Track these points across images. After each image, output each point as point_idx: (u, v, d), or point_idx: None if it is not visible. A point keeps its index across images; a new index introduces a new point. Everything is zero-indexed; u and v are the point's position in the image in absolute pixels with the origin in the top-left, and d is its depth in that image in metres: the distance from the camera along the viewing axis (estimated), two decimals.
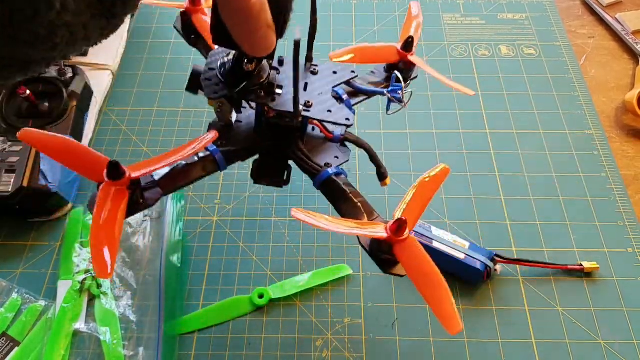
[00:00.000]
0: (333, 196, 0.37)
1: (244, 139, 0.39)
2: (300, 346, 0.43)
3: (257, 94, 0.34)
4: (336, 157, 0.39)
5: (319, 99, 0.36)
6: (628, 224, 0.50)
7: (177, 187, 0.36)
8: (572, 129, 0.57)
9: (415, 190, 0.35)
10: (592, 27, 0.68)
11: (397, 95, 0.39)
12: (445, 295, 0.31)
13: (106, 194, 0.30)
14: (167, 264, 0.47)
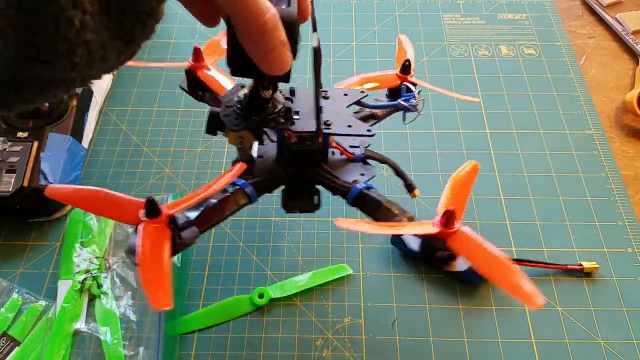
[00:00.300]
0: (369, 208, 0.38)
1: (268, 170, 0.39)
2: (301, 346, 0.43)
3: (277, 120, 0.35)
4: (362, 174, 0.40)
5: (337, 118, 0.37)
6: (628, 224, 0.50)
7: (212, 224, 0.36)
8: (572, 129, 0.57)
9: (452, 184, 0.36)
10: (592, 27, 0.68)
11: (411, 103, 0.41)
12: (516, 275, 0.31)
13: (149, 235, 0.30)
14: None
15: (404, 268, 0.48)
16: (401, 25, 0.69)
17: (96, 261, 0.47)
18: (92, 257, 0.47)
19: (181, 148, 0.57)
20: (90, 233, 0.49)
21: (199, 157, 0.56)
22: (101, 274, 0.47)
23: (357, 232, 0.36)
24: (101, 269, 0.47)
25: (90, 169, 0.55)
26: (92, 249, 0.48)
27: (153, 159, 0.56)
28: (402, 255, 0.48)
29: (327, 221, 0.51)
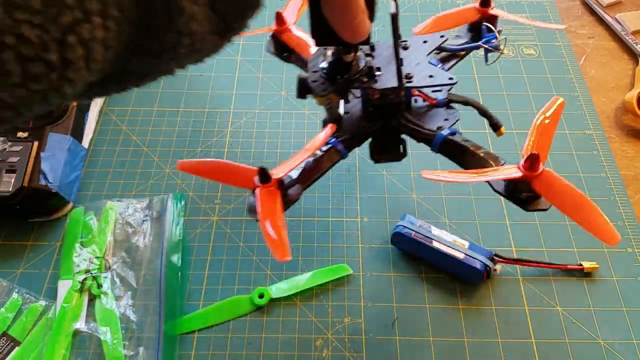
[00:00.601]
0: (455, 154, 0.39)
1: (355, 126, 0.41)
2: (300, 346, 0.43)
3: (360, 80, 0.38)
4: (446, 120, 0.41)
5: (418, 69, 0.39)
6: (628, 224, 0.50)
7: (312, 180, 0.39)
8: (572, 129, 0.57)
9: (536, 129, 0.37)
10: (592, 27, 0.68)
11: (493, 43, 0.42)
12: (597, 213, 0.32)
13: (264, 196, 0.35)
14: (168, 264, 0.47)
15: (404, 268, 0.48)
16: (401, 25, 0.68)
17: (96, 261, 0.47)
18: (92, 257, 0.47)
19: (181, 148, 0.57)
20: (90, 233, 0.49)
21: (199, 157, 0.56)
22: (101, 274, 0.47)
23: (442, 182, 0.39)
24: (101, 269, 0.47)
25: (91, 169, 0.55)
26: (92, 249, 0.48)
27: (153, 159, 0.56)
28: (402, 255, 0.48)
29: (327, 221, 0.51)
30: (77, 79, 0.19)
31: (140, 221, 0.50)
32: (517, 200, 0.36)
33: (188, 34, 0.20)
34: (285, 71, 0.63)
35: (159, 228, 0.50)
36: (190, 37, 0.20)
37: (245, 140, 0.57)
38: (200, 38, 0.21)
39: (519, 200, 0.36)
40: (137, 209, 0.51)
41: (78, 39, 0.18)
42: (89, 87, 0.20)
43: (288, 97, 0.61)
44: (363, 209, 0.52)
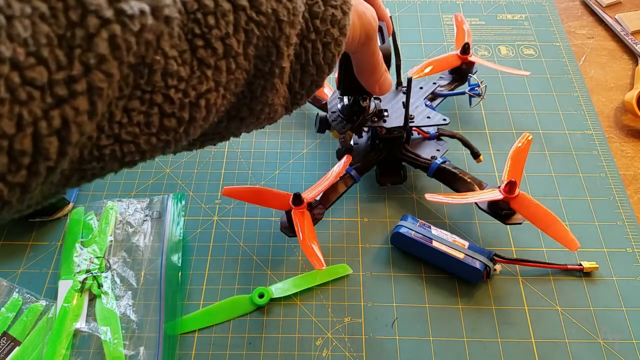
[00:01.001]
0: (447, 179, 0.49)
1: (364, 156, 0.51)
2: (301, 345, 0.44)
3: (372, 120, 0.47)
4: (437, 150, 0.51)
5: (417, 111, 0.49)
6: (627, 224, 0.50)
7: (332, 202, 0.48)
8: (572, 129, 0.57)
9: (512, 157, 0.47)
10: (592, 28, 0.68)
11: (476, 91, 0.52)
12: (560, 227, 0.43)
13: (298, 216, 0.44)
14: (168, 264, 0.47)
15: (404, 268, 0.48)
16: (401, 25, 0.69)
17: (97, 261, 0.47)
18: (93, 257, 0.48)
19: None
20: (90, 233, 0.49)
21: (199, 157, 0.56)
22: (101, 273, 0.47)
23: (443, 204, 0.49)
24: (102, 268, 0.47)
25: None
26: (92, 249, 0.48)
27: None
28: (402, 255, 0.48)
29: (327, 221, 0.51)
30: (194, 134, 0.24)
31: (140, 221, 0.50)
32: (498, 216, 0.46)
33: (270, 105, 0.26)
34: None
35: (159, 228, 0.50)
36: (270, 107, 0.26)
37: (245, 140, 0.57)
38: (275, 109, 0.27)
39: (499, 215, 0.46)
40: (138, 209, 0.51)
41: (206, 104, 0.23)
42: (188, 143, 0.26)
43: None
44: (363, 209, 0.52)
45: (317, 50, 0.27)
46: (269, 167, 0.55)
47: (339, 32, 0.27)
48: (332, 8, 0.26)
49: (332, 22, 0.27)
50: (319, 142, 0.57)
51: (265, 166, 0.55)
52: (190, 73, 0.21)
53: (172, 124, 0.22)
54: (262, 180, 0.54)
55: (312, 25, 0.26)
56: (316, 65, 0.27)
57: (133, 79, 0.20)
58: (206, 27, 0.21)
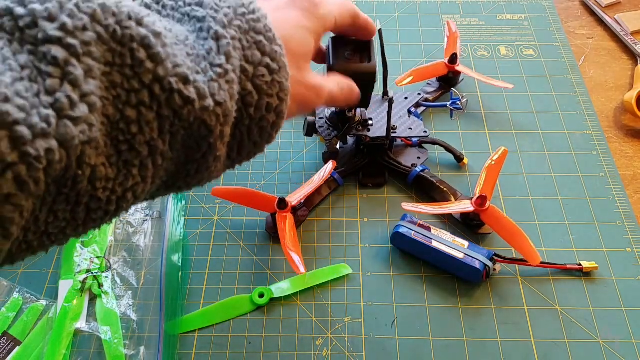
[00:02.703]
0: (424, 187, 0.52)
1: (349, 160, 0.53)
2: (301, 345, 0.44)
3: (357, 129, 0.50)
4: (418, 158, 0.54)
5: (400, 122, 0.52)
6: (627, 224, 0.50)
7: (315, 204, 0.51)
8: (571, 129, 0.57)
9: (486, 172, 0.48)
10: (591, 28, 0.69)
11: (457, 105, 0.54)
12: (524, 240, 0.45)
13: (281, 219, 0.46)
14: (168, 264, 0.47)
15: (404, 268, 0.48)
16: (401, 25, 0.69)
17: (97, 261, 0.47)
18: (93, 256, 0.48)
19: None
20: (91, 233, 0.49)
21: None
22: (102, 273, 0.47)
23: (418, 213, 0.50)
24: (102, 268, 0.47)
25: None
26: (93, 249, 0.48)
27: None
28: (402, 255, 0.48)
29: (327, 221, 0.51)
30: (123, 213, 0.26)
31: (140, 221, 0.51)
32: (469, 225, 0.49)
33: (208, 175, 0.27)
34: None
35: (160, 228, 0.50)
36: (208, 175, 0.27)
37: None
38: (213, 175, 0.28)
39: (470, 225, 0.49)
40: (138, 209, 0.51)
41: (133, 195, 0.23)
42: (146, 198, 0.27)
43: None
44: (363, 209, 0.52)
45: (253, 132, 0.27)
46: (269, 167, 0.55)
47: (276, 117, 0.27)
48: (267, 97, 0.26)
49: (267, 109, 0.27)
50: (319, 143, 0.57)
51: (265, 166, 0.55)
52: (117, 173, 0.22)
53: (98, 215, 0.23)
54: (262, 180, 0.54)
55: (246, 113, 0.26)
56: (253, 142, 0.28)
57: (56, 190, 0.20)
58: (129, 135, 0.21)
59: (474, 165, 0.54)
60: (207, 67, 0.24)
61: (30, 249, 0.22)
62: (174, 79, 0.22)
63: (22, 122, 0.17)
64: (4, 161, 0.17)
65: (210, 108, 0.23)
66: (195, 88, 0.23)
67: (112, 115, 0.21)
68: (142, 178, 0.23)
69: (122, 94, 0.21)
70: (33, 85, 0.18)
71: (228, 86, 0.24)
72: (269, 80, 0.26)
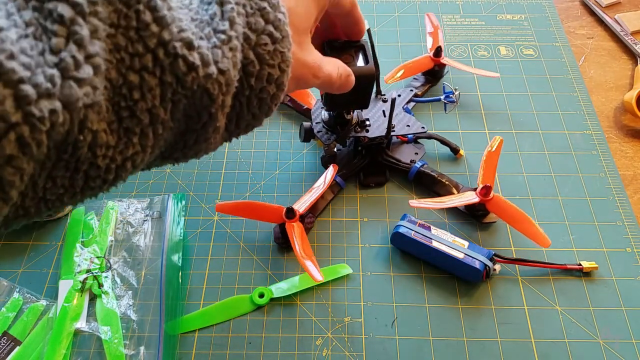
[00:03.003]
0: (426, 183, 0.52)
1: (348, 162, 0.53)
2: (301, 345, 0.44)
3: (356, 130, 0.50)
4: (416, 153, 0.54)
5: (397, 119, 0.52)
6: (627, 224, 0.50)
7: (321, 210, 0.51)
8: (571, 129, 0.57)
9: (485, 162, 0.49)
10: (591, 28, 0.69)
11: (451, 98, 0.54)
12: (531, 225, 0.46)
13: (290, 229, 0.46)
14: (168, 264, 0.47)
15: (404, 268, 0.48)
16: (401, 25, 0.69)
17: (97, 261, 0.47)
18: (93, 256, 0.48)
19: None
20: (91, 233, 0.49)
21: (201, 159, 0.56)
22: (102, 273, 0.47)
23: (428, 209, 0.51)
24: (102, 268, 0.47)
25: None
26: (93, 249, 0.48)
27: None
28: (402, 255, 0.48)
29: (327, 221, 0.51)
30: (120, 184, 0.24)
31: (141, 221, 0.51)
32: (474, 215, 0.50)
33: (205, 147, 0.27)
34: None
35: (160, 228, 0.50)
36: (205, 147, 0.27)
37: (245, 140, 0.57)
38: (210, 147, 0.28)
39: (475, 215, 0.50)
40: (138, 209, 0.51)
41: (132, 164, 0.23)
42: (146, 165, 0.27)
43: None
44: (363, 209, 0.52)
45: (253, 104, 0.27)
46: (269, 167, 0.55)
47: (276, 88, 0.27)
48: (268, 67, 0.26)
49: (268, 80, 0.26)
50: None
51: (265, 166, 0.55)
52: (118, 140, 0.21)
53: (96, 184, 0.22)
54: (262, 180, 0.54)
55: (246, 83, 0.26)
56: (252, 114, 0.27)
57: (56, 155, 0.20)
58: (131, 101, 0.21)
59: (473, 163, 0.54)
60: (210, 33, 0.23)
61: (26, 215, 0.21)
62: (178, 44, 0.21)
63: (27, 81, 0.17)
64: (8, 121, 0.17)
65: (213, 76, 0.23)
66: (200, 54, 0.22)
67: (114, 79, 0.20)
68: (142, 147, 0.23)
69: (125, 57, 0.20)
70: (38, 44, 0.18)
71: (231, 54, 0.23)
72: (271, 49, 0.26)
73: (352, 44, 0.41)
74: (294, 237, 0.45)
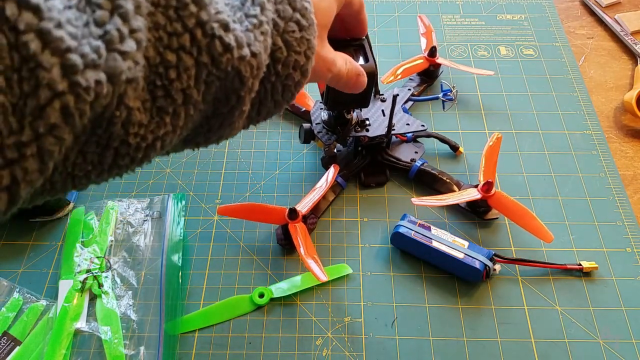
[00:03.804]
0: (427, 181, 0.52)
1: (348, 162, 0.53)
2: (301, 345, 0.44)
3: (356, 130, 0.49)
4: (416, 152, 0.54)
5: (396, 118, 0.51)
6: (627, 224, 0.50)
7: (323, 211, 0.51)
8: (571, 129, 0.57)
9: (485, 158, 0.50)
10: (591, 28, 0.69)
11: (449, 96, 0.54)
12: (534, 220, 0.46)
13: (294, 230, 0.46)
14: (168, 264, 0.47)
15: (404, 268, 0.48)
16: (401, 26, 0.69)
17: (97, 261, 0.47)
18: (93, 256, 0.48)
19: None
20: (91, 233, 0.49)
21: (200, 157, 0.56)
22: (102, 273, 0.47)
23: (429, 207, 0.51)
24: (102, 268, 0.47)
25: None
26: (93, 249, 0.48)
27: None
28: (402, 255, 0.48)
29: (327, 221, 0.51)
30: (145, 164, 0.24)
31: (141, 221, 0.51)
32: (476, 212, 0.50)
33: (227, 132, 0.27)
34: None
35: (160, 228, 0.50)
36: (228, 132, 0.27)
37: (245, 141, 0.57)
38: (231, 133, 0.28)
39: (477, 212, 0.50)
40: (138, 209, 0.51)
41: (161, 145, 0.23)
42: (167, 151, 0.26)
43: None
44: (363, 209, 0.52)
45: (277, 90, 0.27)
46: (269, 167, 0.55)
47: (301, 75, 0.27)
48: (295, 54, 0.26)
49: (294, 67, 0.27)
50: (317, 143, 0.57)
51: (265, 166, 0.55)
52: (150, 119, 0.22)
53: (125, 162, 0.22)
54: (262, 180, 0.54)
55: (273, 69, 0.26)
56: (275, 101, 0.28)
57: (91, 129, 0.20)
58: (167, 80, 0.21)
59: (473, 162, 0.54)
60: (242, 17, 0.24)
61: (52, 190, 0.21)
62: (216, 25, 0.22)
63: (74, 51, 0.17)
64: (54, 89, 0.17)
65: (246, 58, 0.23)
66: (235, 36, 0.22)
67: (152, 57, 0.20)
68: (172, 127, 0.23)
69: (164, 36, 0.21)
70: (82, 15, 0.18)
71: (263, 37, 0.24)
72: (299, 36, 0.26)
73: (352, 43, 0.41)
74: (297, 238, 0.45)
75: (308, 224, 0.48)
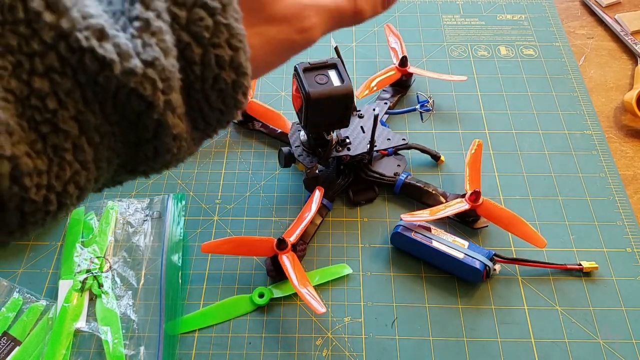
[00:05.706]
0: (413, 193, 0.51)
1: (331, 182, 0.52)
2: (301, 345, 0.44)
3: (337, 149, 0.48)
4: (398, 165, 0.53)
5: (377, 133, 0.49)
6: (627, 224, 0.50)
7: (311, 236, 0.49)
8: (571, 129, 0.57)
9: (469, 167, 0.49)
10: (591, 28, 0.69)
11: (426, 107, 0.54)
12: (524, 226, 0.46)
13: (284, 261, 0.44)
14: (168, 264, 0.47)
15: (404, 268, 0.48)
16: (401, 26, 0.69)
17: (97, 261, 0.47)
18: (93, 256, 0.48)
19: None
20: (91, 233, 0.49)
21: (200, 157, 0.56)
22: (102, 273, 0.47)
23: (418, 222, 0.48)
24: (102, 268, 0.47)
25: None
26: (92, 249, 0.48)
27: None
28: (402, 255, 0.48)
29: (326, 221, 0.51)
30: (71, 209, 0.20)
31: (140, 221, 0.51)
32: (465, 222, 0.49)
33: (175, 152, 0.21)
34: (285, 72, 0.63)
35: (160, 228, 0.50)
36: (174, 154, 0.22)
37: (245, 141, 0.57)
38: (184, 152, 0.22)
39: (466, 222, 0.49)
40: (138, 209, 0.51)
41: (76, 186, 0.19)
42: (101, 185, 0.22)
43: (287, 96, 0.61)
44: (363, 209, 0.52)
45: (211, 98, 0.21)
46: (269, 167, 0.55)
47: (235, 74, 0.21)
48: (214, 48, 0.20)
49: (219, 65, 0.20)
50: None
51: (265, 166, 0.55)
52: (49, 162, 0.17)
53: (37, 218, 0.18)
54: (262, 180, 0.54)
55: (192, 73, 0.20)
56: (218, 110, 0.22)
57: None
58: (47, 112, 0.17)
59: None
60: (125, 23, 0.18)
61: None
62: (85, 33, 0.17)
63: None
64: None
65: (137, 71, 0.18)
66: (116, 45, 0.17)
67: (17, 89, 0.16)
68: (81, 164, 0.19)
69: (23, 60, 0.16)
70: None
71: (155, 39, 0.18)
72: (210, 24, 0.20)
73: (324, 64, 0.41)
74: (288, 270, 0.43)
75: (298, 252, 0.46)
